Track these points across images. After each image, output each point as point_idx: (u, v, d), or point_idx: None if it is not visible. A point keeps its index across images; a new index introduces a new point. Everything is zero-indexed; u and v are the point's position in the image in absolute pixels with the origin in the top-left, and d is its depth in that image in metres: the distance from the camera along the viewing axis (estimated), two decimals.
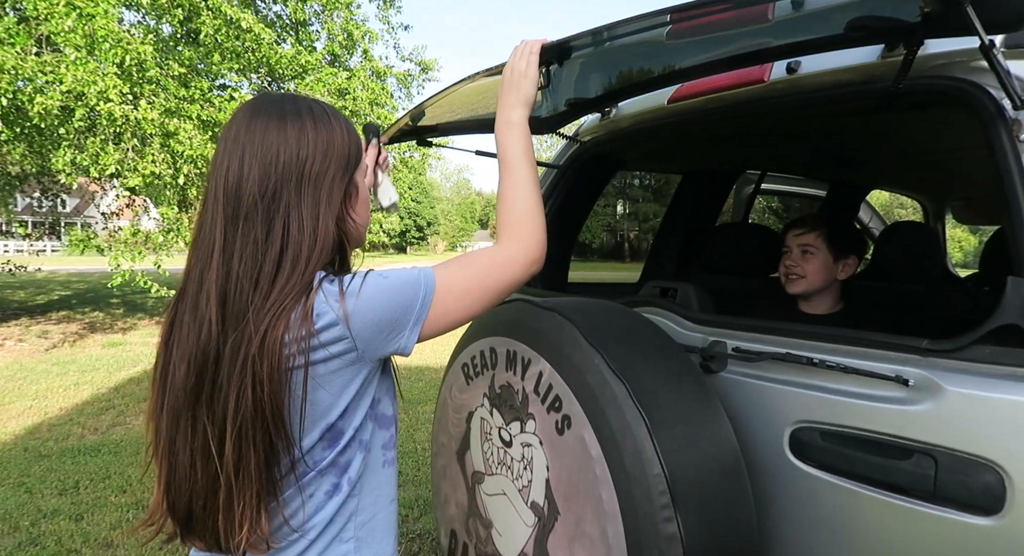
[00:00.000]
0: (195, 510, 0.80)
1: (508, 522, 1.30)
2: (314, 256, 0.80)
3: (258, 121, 0.82)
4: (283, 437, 0.77)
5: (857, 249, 1.66)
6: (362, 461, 0.86)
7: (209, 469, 0.78)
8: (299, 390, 0.77)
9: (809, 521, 1.08)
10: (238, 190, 0.79)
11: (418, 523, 2.86)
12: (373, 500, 0.89)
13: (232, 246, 0.78)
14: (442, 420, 1.56)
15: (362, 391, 0.83)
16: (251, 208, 0.79)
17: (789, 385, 1.12)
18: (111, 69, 5.02)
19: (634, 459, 1.00)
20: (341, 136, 0.86)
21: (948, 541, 0.91)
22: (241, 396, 0.75)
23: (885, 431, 0.98)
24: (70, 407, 4.63)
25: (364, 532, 0.88)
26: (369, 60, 8.57)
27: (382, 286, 0.80)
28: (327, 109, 0.88)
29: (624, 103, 1.79)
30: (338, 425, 0.82)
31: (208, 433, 0.77)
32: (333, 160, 0.84)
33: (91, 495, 3.07)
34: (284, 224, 0.79)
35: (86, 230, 7.48)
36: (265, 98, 0.86)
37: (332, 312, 0.77)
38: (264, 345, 0.75)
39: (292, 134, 0.81)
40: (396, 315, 0.80)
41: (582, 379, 1.09)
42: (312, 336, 0.76)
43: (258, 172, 0.79)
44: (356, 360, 0.80)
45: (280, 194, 0.79)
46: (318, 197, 0.82)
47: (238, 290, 0.77)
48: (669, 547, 0.96)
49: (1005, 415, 0.87)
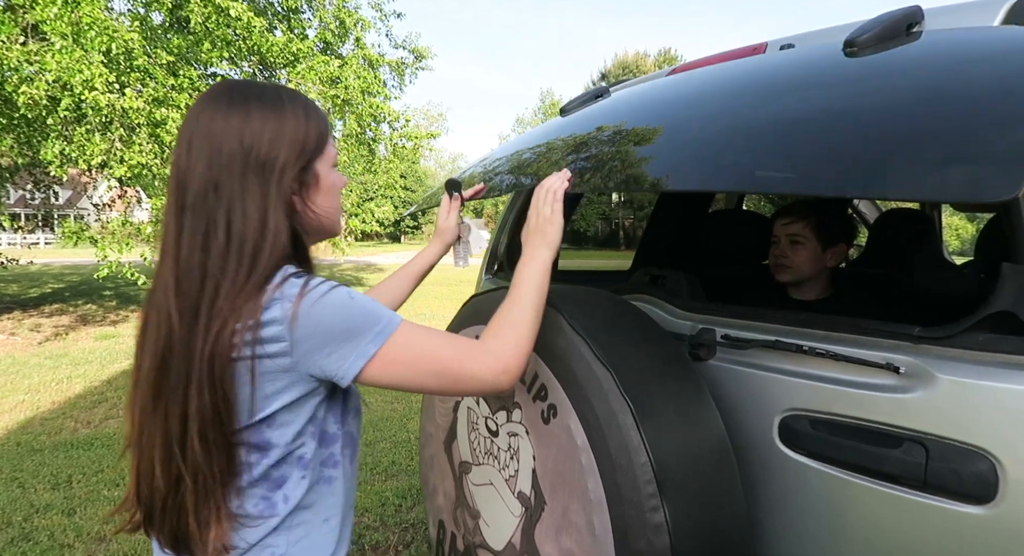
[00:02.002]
0: (155, 507, 0.79)
1: (495, 512, 1.28)
2: (264, 251, 0.76)
3: (207, 109, 0.79)
4: (236, 438, 0.76)
5: (846, 236, 1.64)
6: (299, 479, 0.82)
7: (171, 468, 0.76)
8: (242, 385, 0.75)
9: (799, 510, 1.07)
10: (185, 180, 0.77)
11: (411, 513, 2.85)
12: (308, 518, 0.85)
13: (181, 238, 0.76)
14: (429, 410, 1.54)
15: (299, 407, 0.79)
16: (196, 199, 0.77)
17: (778, 373, 1.10)
18: (97, 57, 4.95)
19: (620, 448, 0.98)
20: (294, 122, 0.81)
21: (939, 530, 0.89)
22: (200, 397, 0.73)
23: (875, 419, 0.96)
24: (63, 401, 4.61)
25: (296, 549, 0.84)
26: (361, 48, 8.48)
27: (344, 303, 0.77)
28: (283, 94, 0.84)
29: (614, 88, 1.76)
30: (266, 434, 0.78)
31: (170, 431, 0.75)
32: (283, 147, 0.80)
33: (84, 489, 3.05)
34: (227, 216, 0.76)
35: (79, 222, 7.42)
36: (221, 85, 0.83)
37: (280, 310, 0.74)
38: (217, 345, 0.73)
39: (236, 121, 0.78)
40: (343, 337, 0.76)
41: (568, 367, 1.07)
42: (256, 328, 0.73)
43: (202, 161, 0.77)
44: (290, 368, 0.76)
45: (223, 184, 0.76)
46: (266, 188, 0.78)
47: (189, 282, 0.75)
48: (656, 536, 0.95)
49: (998, 403, 0.85)
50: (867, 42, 0.98)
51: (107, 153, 5.48)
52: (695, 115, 1.16)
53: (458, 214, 1.29)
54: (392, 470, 3.36)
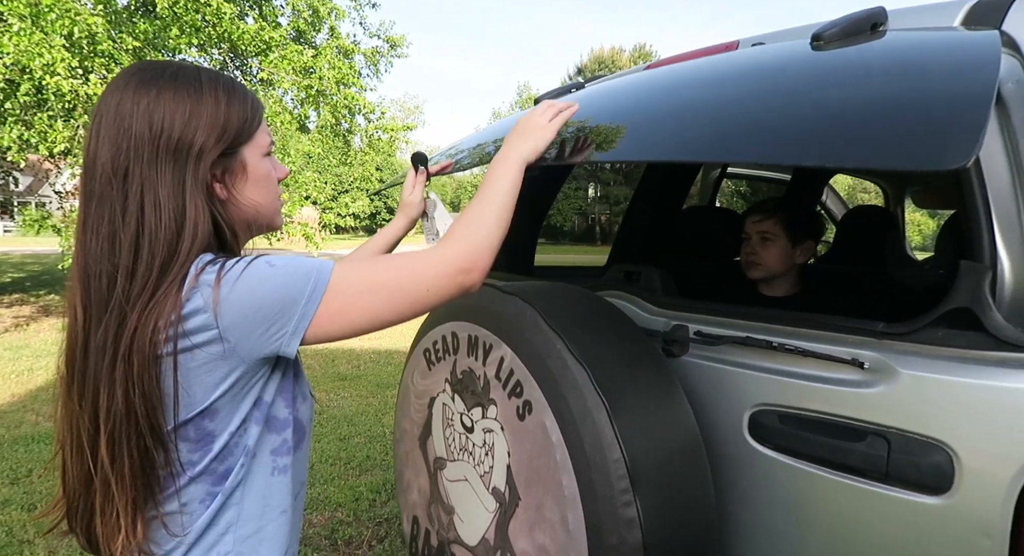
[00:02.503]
0: (72, 506, 0.76)
1: (470, 508, 1.29)
2: (183, 241, 0.71)
3: (116, 90, 0.73)
4: (158, 438, 0.71)
5: (814, 233, 1.68)
6: (242, 467, 0.78)
7: (82, 466, 0.73)
8: (167, 382, 0.70)
9: (767, 503, 1.10)
10: (92, 166, 0.72)
11: (385, 507, 2.85)
12: (259, 512, 0.80)
13: (88, 228, 0.71)
14: (404, 406, 1.54)
15: (239, 392, 0.74)
16: (104, 185, 0.71)
17: (749, 368, 1.12)
18: (58, 41, 4.78)
19: (594, 444, 0.99)
20: (213, 104, 0.75)
21: (900, 520, 0.92)
22: (111, 396, 0.69)
23: (841, 413, 0.99)
24: (23, 393, 4.47)
25: (246, 547, 0.80)
26: (336, 37, 8.35)
27: (265, 275, 0.71)
28: (203, 75, 0.77)
29: (591, 83, 1.76)
30: (207, 426, 0.74)
31: (80, 430, 0.72)
32: (199, 131, 0.73)
33: (45, 484, 2.97)
34: (138, 204, 0.70)
35: (40, 210, 7.18)
36: (134, 65, 0.77)
37: (201, 298, 0.69)
38: (135, 342, 0.68)
39: (146, 103, 0.72)
40: (276, 309, 0.70)
41: (543, 364, 1.08)
42: (179, 322, 0.68)
43: (109, 148, 0.71)
44: (226, 355, 0.71)
45: (132, 171, 0.70)
46: (181, 174, 0.72)
47: (97, 275, 0.70)
48: (628, 531, 0.96)
49: (954, 397, 0.88)
50: (833, 37, 1.00)
51: (70, 140, 5.30)
52: (670, 98, 1.18)
53: (423, 189, 1.26)
54: (366, 465, 3.34)
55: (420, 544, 1.50)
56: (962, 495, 0.86)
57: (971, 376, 0.88)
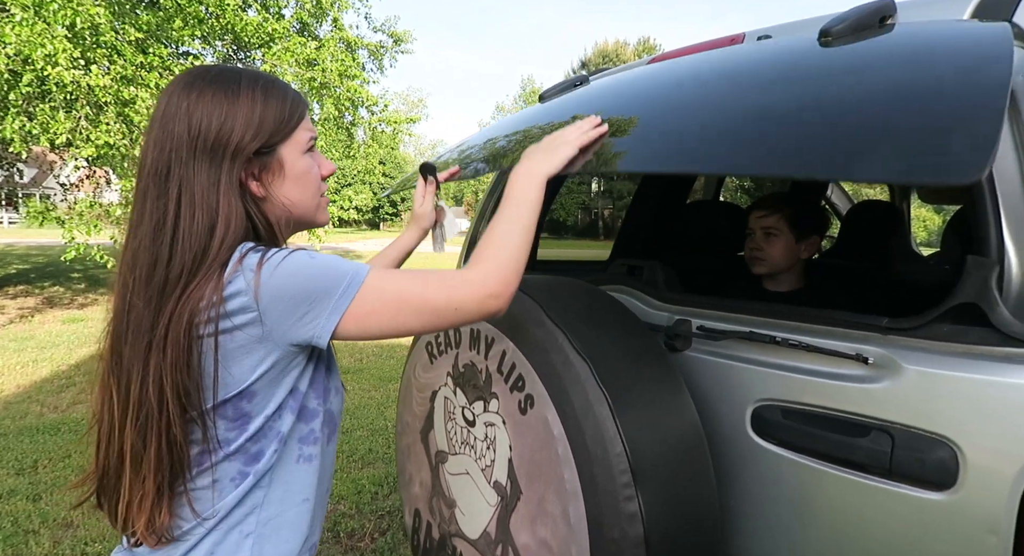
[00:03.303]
0: (103, 484, 0.80)
1: (471, 502, 1.29)
2: (215, 237, 0.74)
3: (164, 95, 0.78)
4: (191, 421, 0.75)
5: (819, 228, 1.67)
6: (274, 453, 0.81)
7: (112, 447, 0.77)
8: (207, 362, 0.74)
9: (770, 498, 1.09)
10: (141, 166, 0.77)
11: (387, 500, 2.86)
12: (281, 496, 0.84)
13: (136, 224, 0.76)
14: (406, 399, 1.54)
15: (276, 377, 0.78)
16: (148, 183, 0.76)
17: (752, 363, 1.12)
18: (60, 32, 4.76)
19: (596, 438, 0.99)
20: (248, 105, 0.78)
21: (903, 516, 0.92)
22: (143, 384, 0.72)
23: (845, 409, 0.98)
24: (28, 385, 4.49)
25: (268, 529, 0.83)
26: (339, 29, 8.31)
27: (305, 264, 0.74)
28: (243, 75, 0.80)
29: (594, 77, 1.75)
30: (244, 407, 0.77)
31: (114, 411, 0.76)
32: (234, 131, 0.76)
33: (50, 475, 2.99)
34: (176, 202, 0.74)
35: (45, 202, 7.18)
36: (188, 70, 0.82)
37: (243, 280, 0.72)
38: (169, 332, 0.71)
39: (186, 104, 0.76)
40: (311, 298, 0.73)
41: (545, 358, 1.07)
42: (220, 303, 0.72)
43: (155, 147, 0.76)
44: (262, 339, 0.74)
45: (172, 169, 0.75)
46: (216, 173, 0.76)
47: (139, 265, 0.75)
48: (630, 525, 0.96)
49: (959, 392, 0.88)
50: (841, 32, 0.99)
51: (72, 131, 5.30)
52: (674, 102, 1.17)
53: (434, 199, 1.28)
54: (369, 458, 3.35)
55: (422, 537, 1.50)
56: (966, 491, 0.86)
57: (976, 372, 0.87)
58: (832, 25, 1.00)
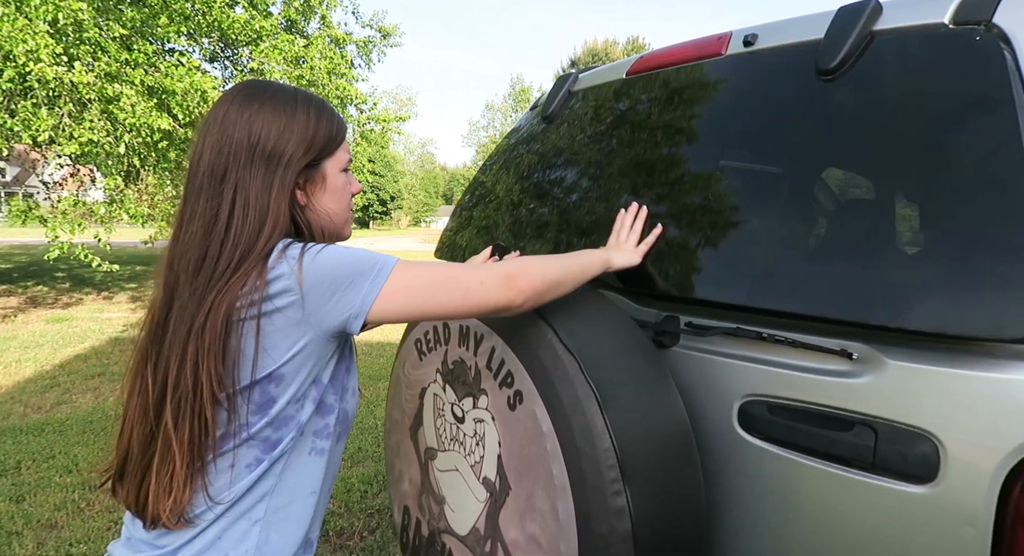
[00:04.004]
0: (127, 465, 0.83)
1: (460, 498, 1.29)
2: (262, 236, 0.80)
3: (223, 103, 0.85)
4: (220, 404, 0.78)
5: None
6: (291, 441, 0.85)
7: (144, 429, 0.81)
8: (247, 344, 0.78)
9: (756, 492, 1.10)
10: (196, 166, 0.83)
11: (377, 499, 2.85)
12: (292, 486, 0.87)
13: (190, 220, 0.82)
14: (395, 396, 1.53)
15: (304, 362, 0.82)
16: (204, 184, 0.82)
17: (739, 359, 1.13)
18: (42, 27, 4.69)
19: (584, 434, 0.99)
20: (304, 120, 0.86)
21: (886, 509, 0.93)
22: (182, 368, 0.77)
23: (829, 403, 0.99)
24: (11, 385, 4.44)
25: (275, 517, 0.86)
26: (328, 27, 8.26)
27: (341, 253, 0.82)
28: (299, 94, 0.89)
29: (583, 74, 1.75)
30: (271, 391, 0.81)
31: (148, 395, 0.80)
32: (290, 143, 0.85)
33: (34, 475, 2.96)
34: (232, 202, 0.81)
35: (27, 200, 7.09)
36: (243, 83, 0.89)
37: (286, 266, 0.79)
38: (208, 320, 0.76)
39: (247, 114, 0.83)
40: (348, 281, 0.80)
41: (534, 354, 1.08)
42: (264, 287, 0.77)
43: (213, 151, 0.82)
44: (301, 321, 0.79)
45: (229, 172, 0.82)
46: (269, 179, 0.83)
47: (187, 259, 0.80)
48: (618, 520, 0.97)
49: (940, 386, 0.89)
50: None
51: (55, 128, 5.23)
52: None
53: None
54: (358, 456, 3.34)
55: (411, 534, 1.50)
56: (947, 484, 0.87)
57: (956, 366, 0.89)
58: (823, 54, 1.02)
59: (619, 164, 1.47)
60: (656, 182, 1.37)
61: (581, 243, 1.46)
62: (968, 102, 0.97)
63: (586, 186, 1.55)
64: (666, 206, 1.32)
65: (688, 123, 1.38)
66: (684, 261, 1.26)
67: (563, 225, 1.54)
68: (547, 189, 1.67)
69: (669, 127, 1.41)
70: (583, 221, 1.50)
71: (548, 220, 1.59)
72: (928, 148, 1.00)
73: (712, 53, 1.36)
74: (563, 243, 1.51)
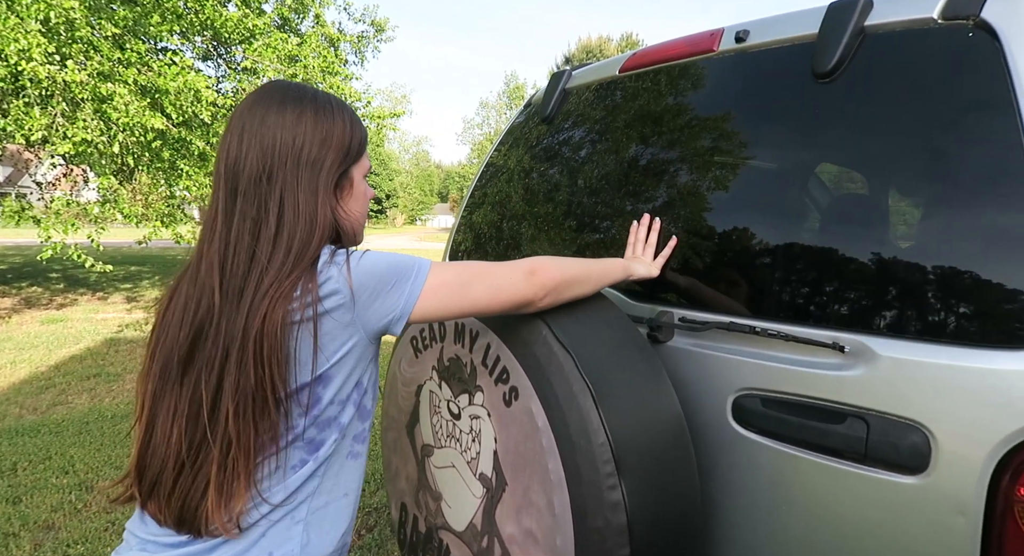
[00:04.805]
0: (163, 480, 0.80)
1: (457, 494, 1.30)
2: (313, 240, 0.82)
3: (260, 104, 0.85)
4: (279, 408, 0.79)
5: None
6: (334, 442, 0.86)
7: (193, 436, 0.79)
8: (302, 348, 0.79)
9: (750, 485, 1.11)
10: (235, 168, 0.83)
11: (375, 497, 2.86)
12: (331, 486, 0.89)
13: (231, 221, 0.82)
14: (392, 394, 1.54)
15: (347, 362, 0.84)
16: (248, 186, 0.82)
17: (733, 354, 1.13)
18: (34, 26, 4.67)
19: (580, 429, 1.00)
20: (342, 127, 0.88)
21: (878, 500, 0.94)
22: (242, 374, 0.77)
23: (821, 396, 1.00)
24: (6, 386, 4.42)
25: (316, 517, 0.87)
26: (321, 25, 8.23)
27: (383, 258, 0.85)
28: (332, 100, 0.90)
29: (577, 71, 1.76)
30: (319, 393, 0.82)
31: (200, 401, 0.78)
32: (331, 149, 0.86)
33: (30, 477, 2.95)
34: (280, 205, 0.82)
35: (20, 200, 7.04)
36: (273, 83, 0.90)
37: (336, 270, 0.81)
38: (266, 327, 0.76)
39: (291, 119, 0.84)
40: (392, 282, 0.83)
41: (529, 351, 1.08)
42: (315, 291, 0.79)
43: (256, 152, 0.82)
44: (350, 324, 0.81)
45: (276, 175, 0.82)
46: (315, 184, 0.85)
47: (235, 262, 0.80)
48: (613, 514, 0.98)
49: (930, 378, 0.90)
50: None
51: (48, 128, 5.20)
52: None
53: None
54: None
55: (408, 531, 1.51)
56: (938, 475, 0.88)
57: (945, 358, 0.90)
58: (819, 58, 1.04)
59: (616, 162, 1.48)
60: (651, 180, 1.38)
61: (585, 241, 1.47)
62: (958, 97, 0.98)
63: (583, 186, 1.55)
64: (661, 204, 1.33)
65: (682, 119, 1.38)
66: (679, 258, 1.27)
67: (564, 225, 1.54)
68: (545, 189, 1.67)
69: (662, 124, 1.41)
70: (584, 220, 1.50)
71: (551, 221, 1.60)
72: (921, 144, 1.01)
73: (704, 49, 1.37)
74: (567, 242, 1.51)
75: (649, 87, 1.49)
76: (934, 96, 1.00)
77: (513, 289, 0.92)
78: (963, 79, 0.97)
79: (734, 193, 1.25)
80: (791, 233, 1.17)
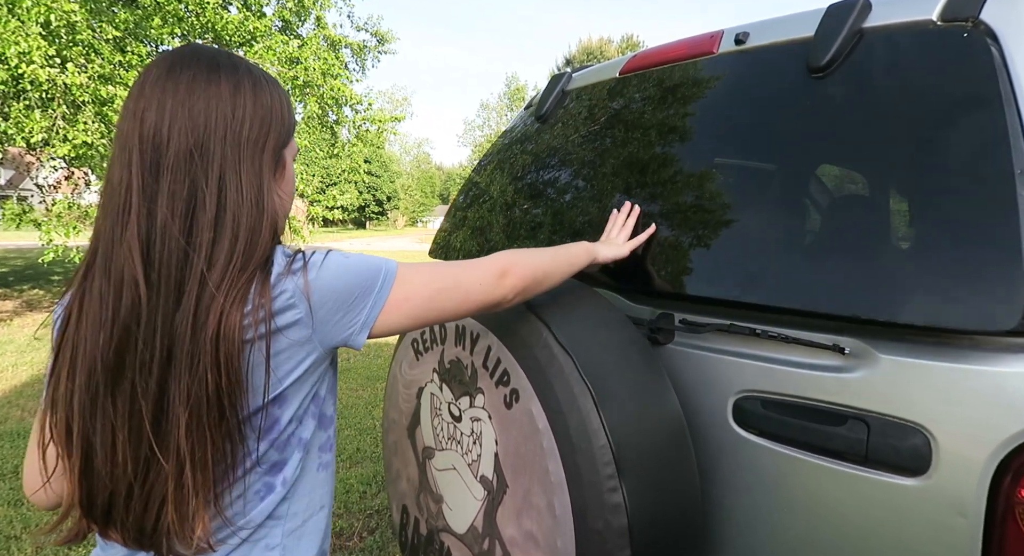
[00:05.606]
0: (116, 501, 0.71)
1: (458, 496, 1.30)
2: (263, 229, 0.71)
3: (183, 68, 0.72)
4: (237, 423, 0.70)
5: None
6: (299, 462, 0.79)
7: (138, 453, 0.68)
8: (253, 370, 0.70)
9: (751, 487, 1.11)
10: (155, 139, 0.69)
11: (376, 499, 2.86)
12: (305, 505, 0.82)
13: (153, 201, 0.68)
14: (393, 396, 1.54)
15: (305, 379, 0.77)
16: (175, 161, 0.69)
17: (733, 355, 1.13)
18: (35, 29, 4.68)
19: (580, 431, 1.00)
20: (279, 103, 0.79)
21: (879, 502, 0.94)
22: (195, 380, 0.66)
23: (822, 398, 1.00)
24: (8, 389, 4.43)
25: (291, 540, 0.80)
26: (322, 28, 8.25)
27: (344, 264, 0.75)
28: (265, 73, 0.80)
29: (577, 73, 1.76)
30: (275, 413, 0.75)
31: (140, 412, 0.67)
32: (272, 128, 0.76)
33: None
34: (219, 185, 0.70)
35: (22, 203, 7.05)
36: (191, 46, 0.77)
37: (292, 283, 0.71)
38: (222, 327, 0.67)
39: (226, 89, 0.73)
40: (355, 295, 0.75)
41: (530, 353, 1.08)
42: (269, 306, 0.69)
43: (184, 123, 0.69)
44: (306, 341, 0.73)
45: (212, 151, 0.70)
46: (258, 165, 0.74)
47: (165, 249, 0.67)
48: (614, 516, 0.98)
49: (931, 380, 0.90)
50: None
51: (48, 130, 5.21)
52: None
53: None
54: (357, 457, 3.34)
55: (409, 533, 1.51)
56: (939, 476, 0.88)
57: (948, 360, 0.90)
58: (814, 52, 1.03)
59: (613, 163, 1.48)
60: (649, 181, 1.38)
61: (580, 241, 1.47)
62: (956, 98, 0.98)
63: (580, 186, 1.55)
64: (659, 204, 1.33)
65: (681, 121, 1.39)
66: (678, 258, 1.27)
67: (557, 225, 1.54)
68: (541, 189, 1.67)
69: (663, 125, 1.41)
70: (577, 221, 1.50)
71: (542, 220, 1.60)
72: (918, 144, 1.01)
73: (704, 51, 1.37)
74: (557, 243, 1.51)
75: (649, 88, 1.49)
76: (932, 96, 1.00)
77: (483, 293, 0.86)
78: (962, 80, 0.97)
79: (733, 193, 1.25)
80: (791, 233, 1.17)
